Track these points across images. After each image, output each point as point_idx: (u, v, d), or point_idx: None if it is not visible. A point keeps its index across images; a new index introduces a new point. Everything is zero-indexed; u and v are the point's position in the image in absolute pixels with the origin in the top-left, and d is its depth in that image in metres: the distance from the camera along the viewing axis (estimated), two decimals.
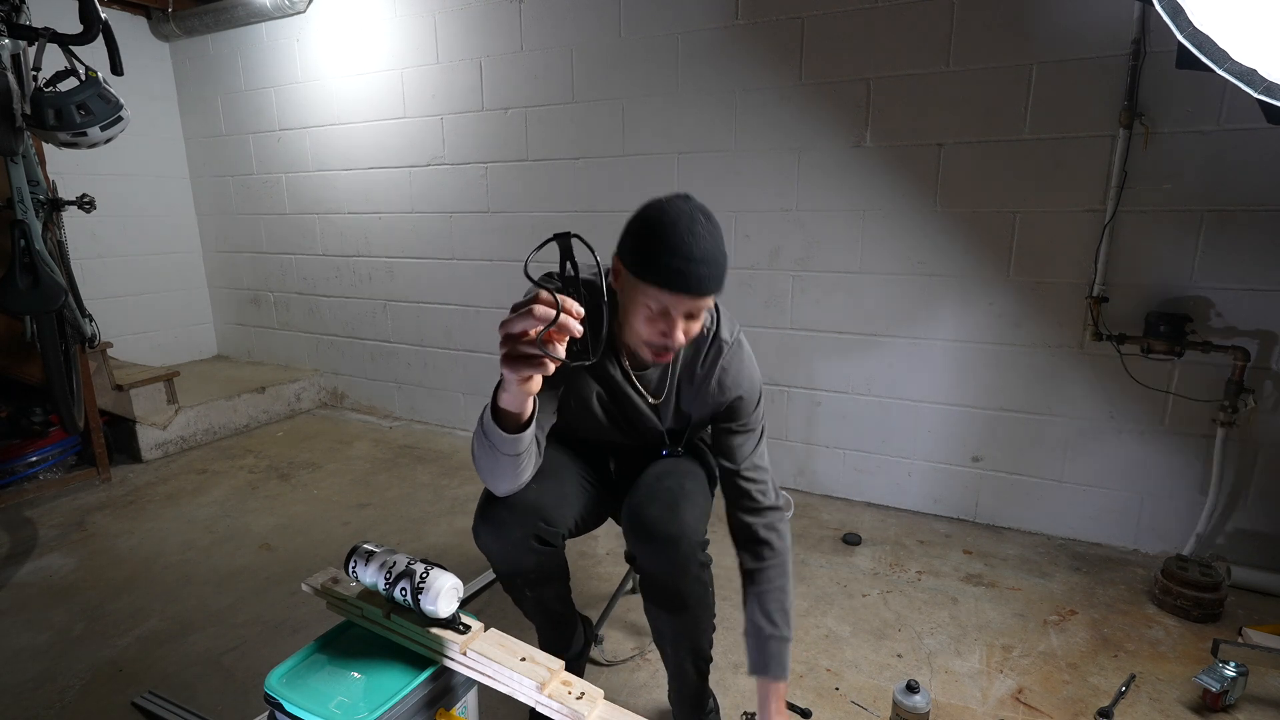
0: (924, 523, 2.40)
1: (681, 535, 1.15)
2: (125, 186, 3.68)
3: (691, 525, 1.18)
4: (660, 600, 1.22)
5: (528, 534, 1.19)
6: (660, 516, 1.16)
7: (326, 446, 3.21)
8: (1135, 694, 1.55)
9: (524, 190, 2.96)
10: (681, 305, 1.05)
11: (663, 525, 1.15)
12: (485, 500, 1.21)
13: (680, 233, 1.02)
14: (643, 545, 1.18)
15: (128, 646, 1.75)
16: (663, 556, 1.16)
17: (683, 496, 1.21)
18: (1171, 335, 1.95)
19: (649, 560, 1.18)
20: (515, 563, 1.22)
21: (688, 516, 1.18)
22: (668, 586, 1.19)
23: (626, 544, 1.26)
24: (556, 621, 1.40)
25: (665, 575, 1.18)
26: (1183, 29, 1.16)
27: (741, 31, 2.39)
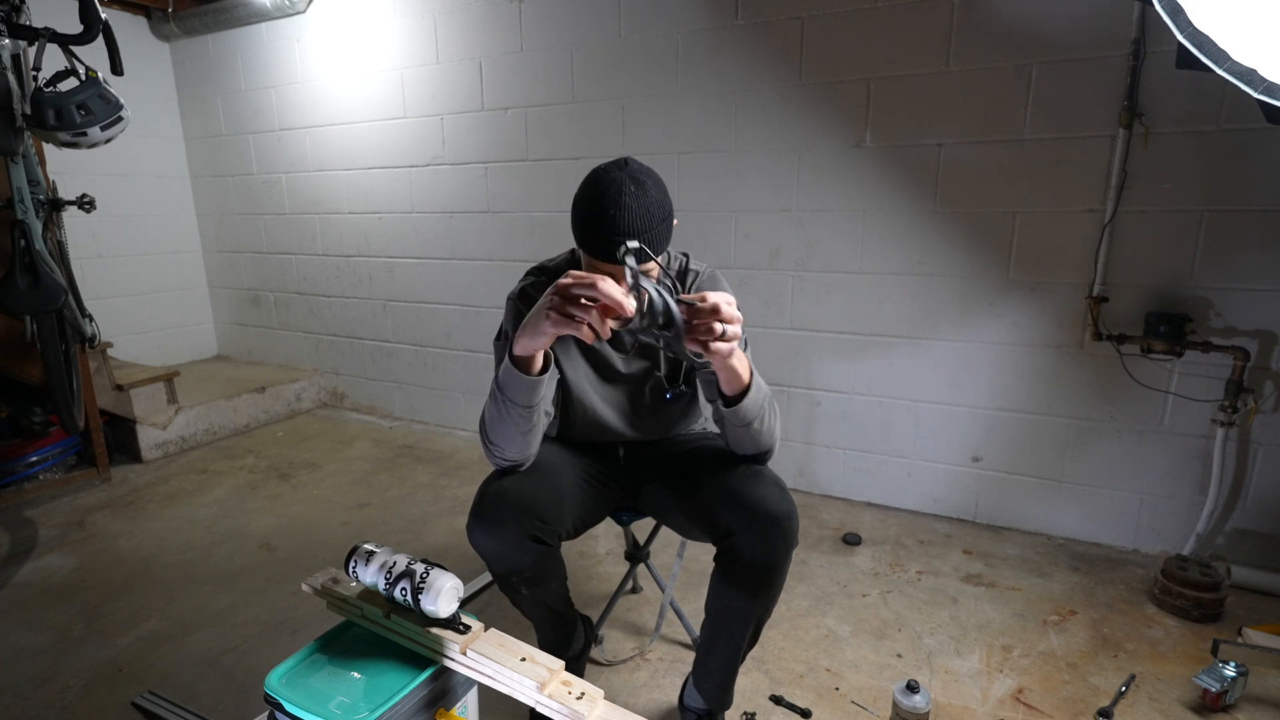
0: (924, 523, 2.40)
1: (794, 513, 1.19)
2: (125, 186, 3.68)
3: (795, 507, 1.22)
4: (751, 580, 1.22)
5: (523, 533, 1.19)
6: (772, 495, 1.19)
7: (326, 446, 3.21)
8: (1135, 694, 1.55)
9: (524, 190, 2.96)
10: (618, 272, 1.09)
11: (777, 503, 1.18)
12: (480, 499, 1.21)
13: (606, 207, 1.07)
14: (754, 522, 1.18)
15: (128, 646, 1.75)
16: (775, 533, 1.17)
17: (782, 481, 1.25)
18: (1171, 335, 1.95)
19: (758, 538, 1.18)
20: (511, 562, 1.22)
21: (790, 496, 1.23)
22: (768, 565, 1.20)
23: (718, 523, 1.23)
24: (555, 621, 1.40)
25: (771, 553, 1.19)
26: (1183, 29, 1.16)
27: (741, 31, 2.39)
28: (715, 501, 1.25)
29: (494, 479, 1.25)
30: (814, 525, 2.38)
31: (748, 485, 1.22)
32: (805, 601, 1.92)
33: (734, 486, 1.23)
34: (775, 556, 1.20)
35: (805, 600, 1.93)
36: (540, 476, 1.26)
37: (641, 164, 1.15)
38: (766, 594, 1.25)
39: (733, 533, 1.21)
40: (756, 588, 1.23)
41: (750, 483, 1.22)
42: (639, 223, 1.08)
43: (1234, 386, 1.91)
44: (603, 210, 1.08)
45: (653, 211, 1.10)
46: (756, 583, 1.23)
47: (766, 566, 1.21)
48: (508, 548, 1.19)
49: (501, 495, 1.20)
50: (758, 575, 1.22)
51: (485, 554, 1.22)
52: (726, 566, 1.26)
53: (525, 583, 1.27)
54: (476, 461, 3.00)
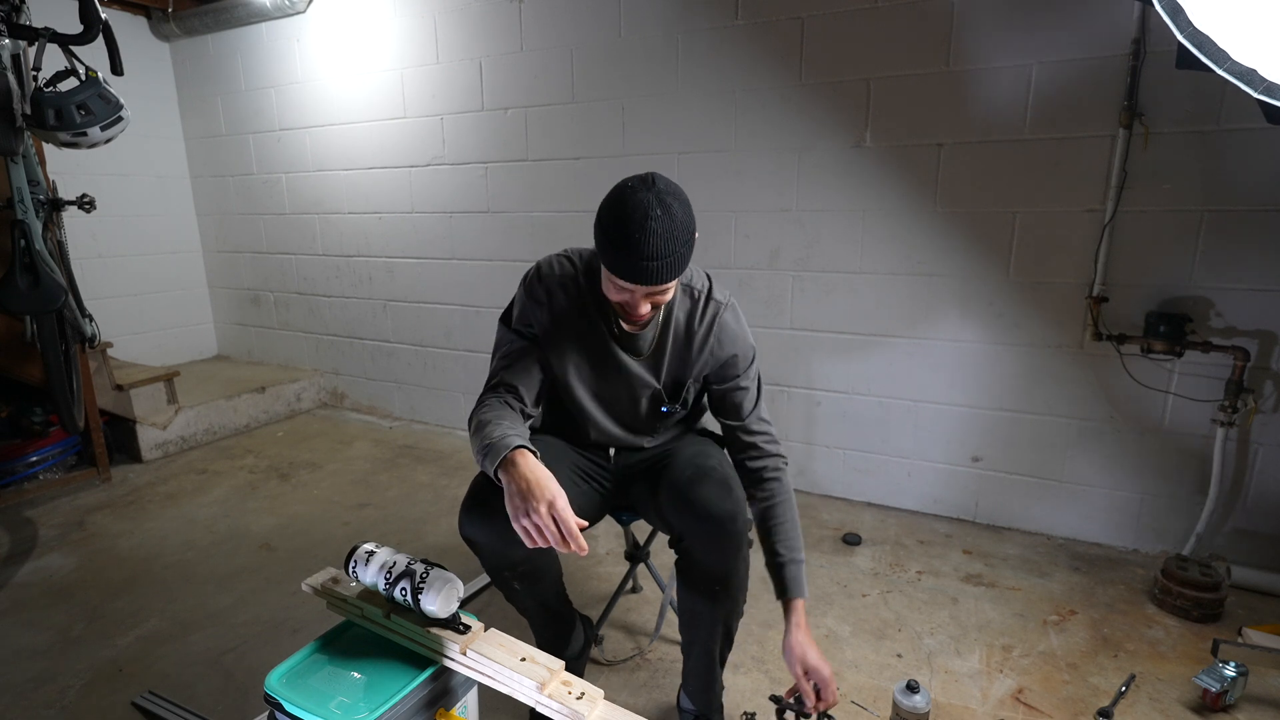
0: (924, 523, 2.40)
1: (738, 513, 1.18)
2: (125, 186, 3.68)
3: (743, 505, 1.21)
4: (705, 582, 1.22)
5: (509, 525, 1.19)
6: (715, 494, 1.18)
7: (326, 446, 3.21)
8: (1135, 694, 1.55)
9: (524, 190, 2.96)
10: (640, 291, 1.13)
11: (719, 503, 1.17)
12: (471, 492, 1.22)
13: (633, 230, 1.06)
14: (697, 524, 1.18)
15: (128, 646, 1.75)
16: (719, 534, 1.17)
17: (730, 477, 1.24)
18: (1171, 335, 1.94)
19: (702, 539, 1.18)
20: (501, 554, 1.22)
21: (739, 495, 1.22)
22: (717, 566, 1.19)
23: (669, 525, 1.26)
24: (552, 619, 1.40)
25: (718, 554, 1.18)
26: (1183, 29, 1.16)
27: (741, 31, 2.39)
28: (666, 503, 1.24)
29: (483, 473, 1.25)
30: (814, 525, 2.38)
31: (692, 486, 1.20)
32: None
33: (680, 487, 1.22)
34: (725, 560, 1.18)
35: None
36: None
37: (668, 182, 1.12)
38: (724, 597, 1.24)
39: (683, 537, 1.21)
40: (713, 593, 1.22)
41: (695, 483, 1.21)
42: (663, 247, 1.07)
43: (1234, 386, 1.91)
44: (628, 233, 1.06)
45: (677, 235, 1.08)
46: (712, 588, 1.22)
47: (718, 571, 1.20)
48: (498, 540, 1.19)
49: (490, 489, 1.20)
50: (711, 580, 1.21)
51: (475, 546, 1.23)
52: (683, 571, 1.26)
53: (517, 577, 1.27)
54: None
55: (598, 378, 1.35)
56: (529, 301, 1.29)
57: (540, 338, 1.30)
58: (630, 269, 1.08)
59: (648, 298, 1.15)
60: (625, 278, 1.10)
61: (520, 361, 1.30)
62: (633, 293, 1.13)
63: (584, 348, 1.31)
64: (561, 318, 1.28)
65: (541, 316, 1.29)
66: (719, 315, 1.30)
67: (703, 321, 1.29)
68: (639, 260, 1.07)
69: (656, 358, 1.32)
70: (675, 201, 1.09)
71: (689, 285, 1.31)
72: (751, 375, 1.35)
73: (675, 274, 1.11)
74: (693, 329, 1.30)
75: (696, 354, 1.31)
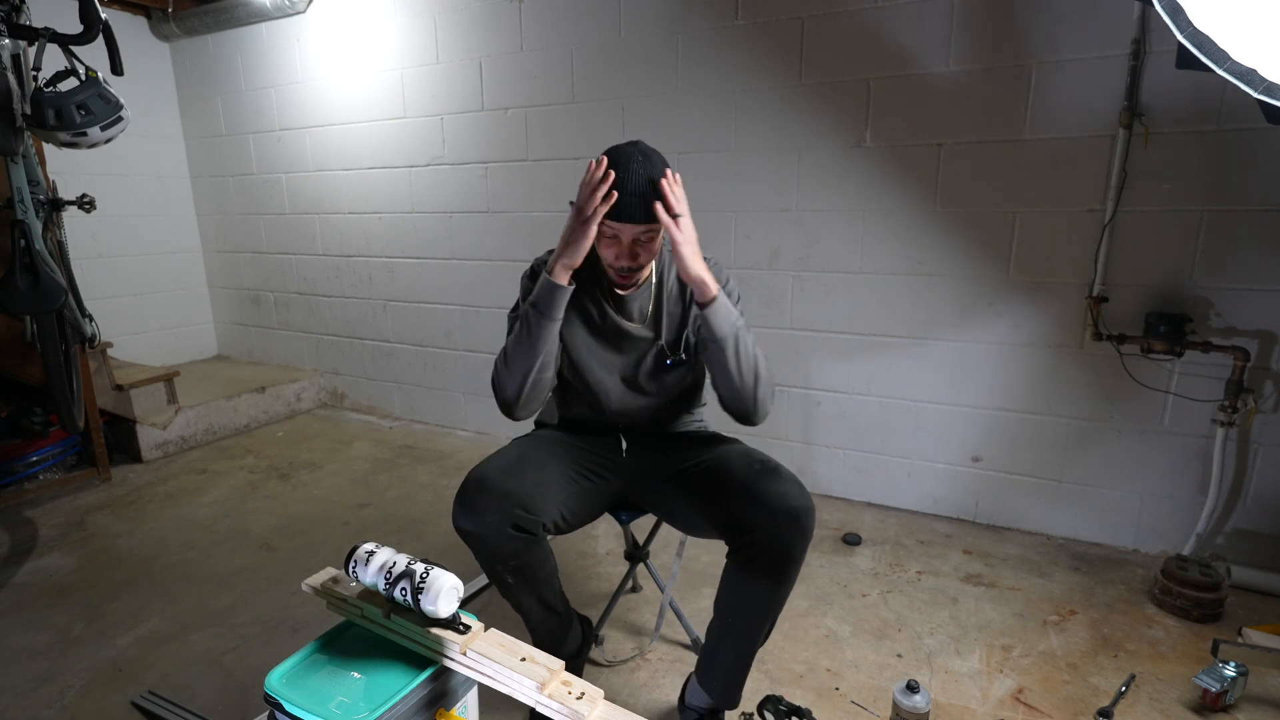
0: (924, 523, 2.40)
1: (812, 508, 1.23)
2: (125, 186, 3.68)
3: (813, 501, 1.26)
4: (769, 571, 1.24)
5: (504, 520, 1.21)
6: (793, 491, 1.23)
7: (326, 446, 3.21)
8: (1135, 694, 1.55)
9: (524, 190, 2.96)
10: (627, 231, 1.26)
11: (797, 498, 1.22)
12: (463, 485, 1.25)
13: (618, 171, 1.23)
14: (774, 518, 1.21)
15: (128, 646, 1.75)
16: (795, 528, 1.20)
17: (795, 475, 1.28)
18: (1171, 335, 1.94)
19: (777, 532, 1.21)
20: (493, 548, 1.24)
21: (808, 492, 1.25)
22: (786, 557, 1.23)
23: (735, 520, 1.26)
24: (548, 616, 1.40)
25: (789, 546, 1.22)
26: (1183, 29, 1.16)
27: (741, 31, 2.39)
28: (733, 499, 1.27)
29: (478, 466, 1.29)
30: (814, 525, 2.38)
31: (767, 482, 1.25)
32: (805, 601, 1.92)
33: (753, 484, 1.26)
34: (794, 550, 1.22)
35: (805, 600, 1.93)
36: (526, 466, 1.31)
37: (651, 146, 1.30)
38: (781, 586, 1.26)
39: (751, 529, 1.23)
40: (775, 577, 1.25)
41: (769, 480, 1.25)
42: (642, 183, 1.22)
43: (1234, 386, 1.91)
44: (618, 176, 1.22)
45: (656, 179, 1.23)
46: (774, 573, 1.24)
47: (785, 560, 1.23)
48: (489, 534, 1.22)
49: (483, 482, 1.24)
50: (775, 567, 1.24)
51: (468, 539, 1.24)
52: (744, 562, 1.27)
53: (510, 571, 1.28)
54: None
55: (603, 348, 1.42)
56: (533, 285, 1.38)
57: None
58: (617, 205, 1.22)
59: (634, 245, 1.27)
60: (612, 215, 1.23)
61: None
62: (620, 240, 1.27)
63: (586, 322, 1.41)
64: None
65: None
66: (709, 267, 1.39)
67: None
68: (623, 195, 1.22)
69: (655, 319, 1.42)
70: (655, 155, 1.27)
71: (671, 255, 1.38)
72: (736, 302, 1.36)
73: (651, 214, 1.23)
74: (683, 289, 1.41)
75: (688, 304, 1.41)
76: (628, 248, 1.28)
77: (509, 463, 1.31)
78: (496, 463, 1.31)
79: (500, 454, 1.36)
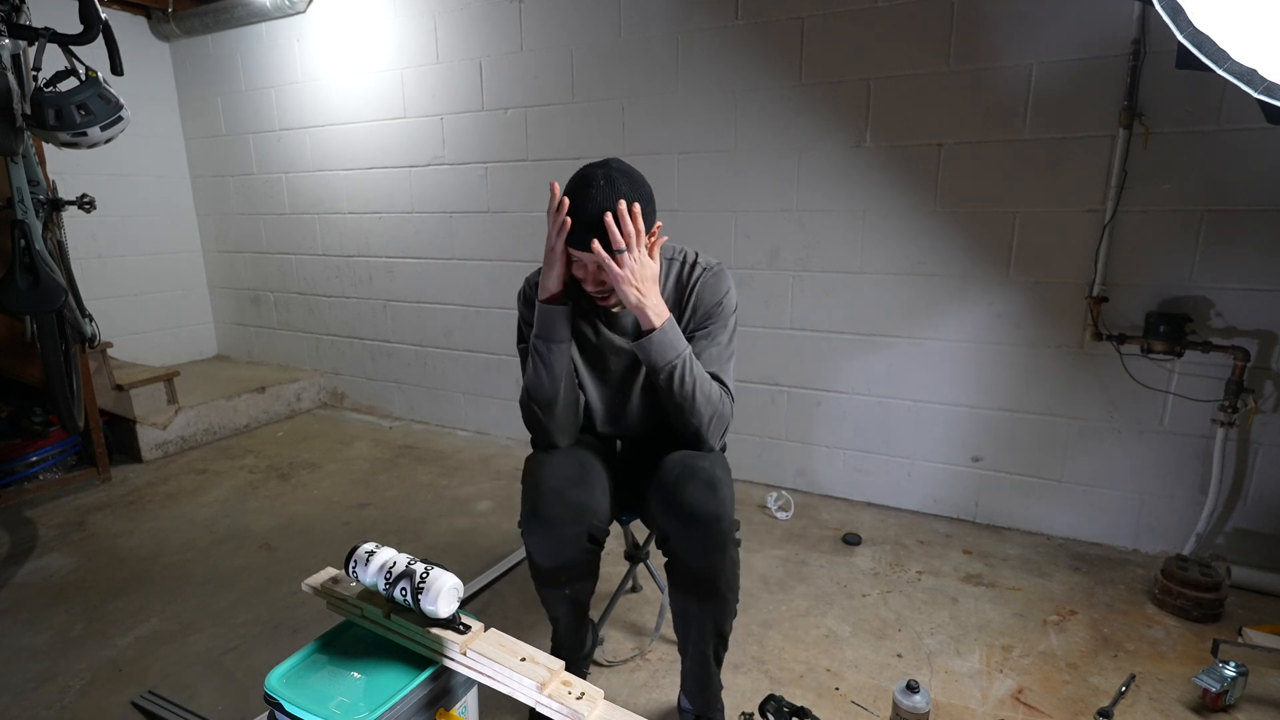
0: (924, 523, 2.40)
1: (722, 514, 1.16)
2: (125, 186, 3.68)
3: (730, 505, 1.19)
4: (693, 583, 1.21)
5: (582, 533, 1.20)
6: (700, 495, 1.16)
7: (326, 446, 3.21)
8: (1135, 694, 1.55)
9: (524, 190, 2.96)
10: (587, 258, 1.20)
11: (704, 504, 1.15)
12: (536, 501, 1.21)
13: (576, 199, 1.18)
14: (682, 525, 1.17)
15: (128, 646, 1.75)
16: (704, 536, 1.15)
17: (716, 477, 1.21)
18: (1171, 335, 1.94)
19: (688, 540, 1.17)
20: (565, 561, 1.22)
21: (726, 495, 1.19)
22: (704, 568, 1.18)
23: (656, 526, 1.25)
24: (578, 621, 1.41)
25: (703, 555, 1.17)
26: (1183, 29, 1.16)
27: (741, 31, 2.39)
28: (654, 503, 1.23)
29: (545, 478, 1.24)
30: (814, 525, 2.38)
31: (678, 485, 1.19)
32: (805, 601, 1.92)
33: (667, 486, 1.20)
34: (711, 562, 1.17)
35: (805, 600, 1.93)
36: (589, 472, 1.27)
37: (624, 164, 1.22)
38: (714, 599, 1.22)
39: (667, 538, 1.20)
40: (702, 594, 1.21)
41: (681, 482, 1.19)
42: (596, 213, 1.16)
43: (1234, 386, 1.91)
44: (574, 202, 1.18)
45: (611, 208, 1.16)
46: (700, 589, 1.21)
47: (705, 572, 1.19)
48: (566, 549, 1.20)
49: (559, 495, 1.20)
50: (698, 581, 1.20)
51: (540, 552, 1.22)
52: (671, 572, 1.25)
53: (570, 583, 1.27)
54: (476, 461, 3.00)
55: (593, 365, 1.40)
56: (527, 309, 1.38)
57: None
58: (573, 235, 1.18)
59: (600, 271, 1.21)
60: (570, 242, 1.20)
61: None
62: (586, 265, 1.22)
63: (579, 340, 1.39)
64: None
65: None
66: (701, 278, 1.35)
67: (688, 286, 1.35)
68: (577, 224, 1.17)
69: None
70: (621, 176, 1.19)
71: (675, 259, 1.37)
72: (722, 326, 1.34)
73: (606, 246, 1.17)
74: (682, 296, 1.35)
75: (681, 316, 1.35)
76: (593, 273, 1.23)
77: (574, 471, 1.27)
78: (562, 471, 1.26)
79: (556, 462, 1.30)
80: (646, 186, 1.23)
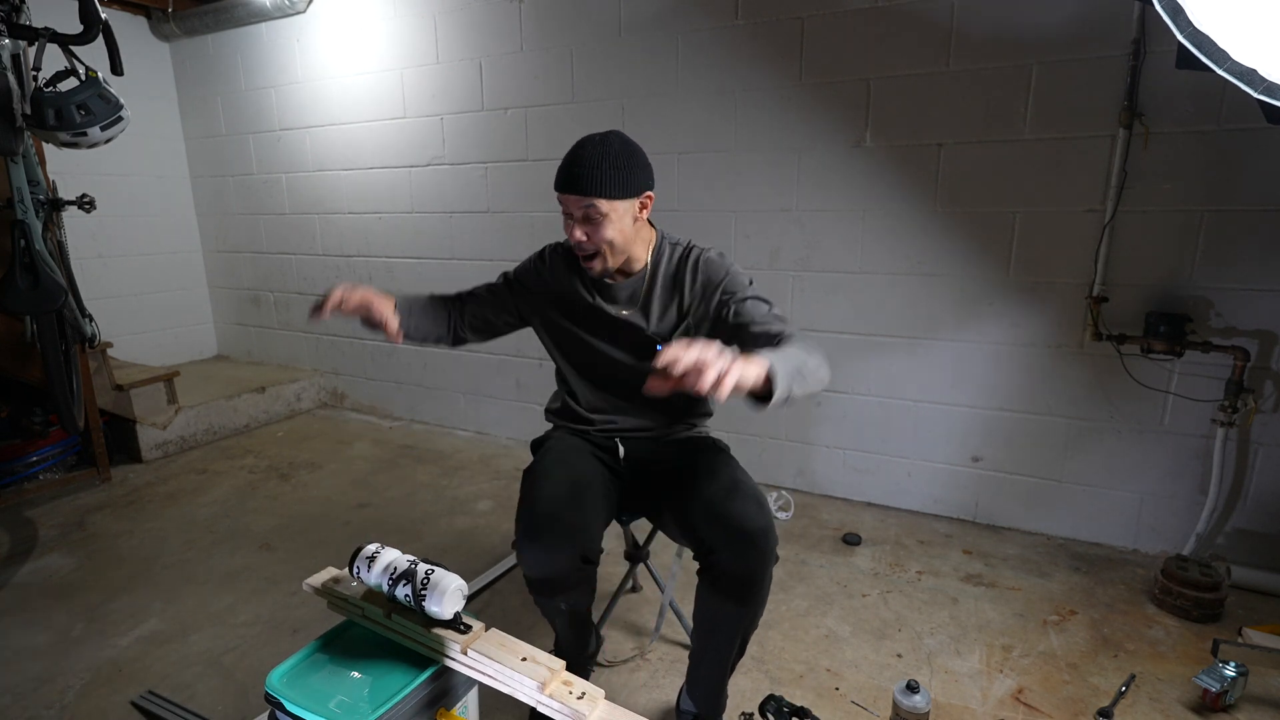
0: (924, 523, 2.40)
1: (770, 528, 1.21)
2: (125, 186, 3.68)
3: (773, 519, 1.24)
4: (733, 592, 1.23)
5: (576, 554, 1.21)
6: (752, 510, 1.21)
7: (326, 446, 3.21)
8: (1135, 694, 1.55)
9: (524, 190, 2.96)
10: (570, 204, 1.28)
11: (755, 518, 1.20)
12: (531, 525, 1.23)
13: (574, 149, 1.29)
14: (732, 539, 1.19)
15: (128, 646, 1.75)
16: (753, 549, 1.19)
17: (761, 493, 1.27)
18: (1171, 335, 1.95)
19: (736, 553, 1.19)
20: (560, 580, 1.24)
21: (769, 510, 1.25)
22: (748, 579, 1.21)
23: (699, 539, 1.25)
24: (579, 627, 1.42)
25: (750, 568, 1.20)
26: (1183, 29, 1.16)
27: (741, 31, 2.39)
28: (697, 516, 1.26)
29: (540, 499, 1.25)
30: (814, 525, 2.38)
31: (727, 502, 1.23)
32: (805, 601, 1.92)
33: (714, 502, 1.24)
34: (754, 572, 1.20)
35: (805, 600, 1.93)
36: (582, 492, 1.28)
37: (624, 135, 1.31)
38: (748, 607, 1.25)
39: (714, 550, 1.22)
40: (740, 600, 1.23)
41: (730, 499, 1.23)
42: (592, 161, 1.25)
43: (1234, 386, 1.91)
44: (570, 151, 1.29)
45: (608, 159, 1.25)
46: (739, 596, 1.23)
47: (747, 582, 1.21)
48: (560, 569, 1.21)
49: (553, 518, 1.22)
50: (739, 590, 1.22)
51: (534, 571, 1.23)
52: (710, 581, 1.26)
53: (566, 598, 1.29)
54: (476, 461, 3.00)
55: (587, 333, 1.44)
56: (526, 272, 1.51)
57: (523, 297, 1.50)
58: (561, 176, 1.27)
59: (583, 224, 1.28)
60: (558, 186, 1.28)
61: (489, 292, 1.54)
62: (570, 214, 1.29)
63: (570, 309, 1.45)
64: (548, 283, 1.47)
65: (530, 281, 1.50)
66: (702, 255, 1.40)
67: (685, 264, 1.39)
68: (569, 166, 1.26)
69: (645, 307, 1.40)
70: (618, 139, 1.29)
71: (674, 243, 1.43)
72: (744, 283, 1.36)
73: (599, 189, 1.25)
74: (680, 274, 1.39)
75: (686, 292, 1.38)
76: (576, 222, 1.29)
77: (568, 491, 1.27)
78: (556, 492, 1.26)
79: (551, 481, 1.30)
80: (643, 155, 1.31)
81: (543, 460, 1.39)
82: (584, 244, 1.30)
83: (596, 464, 1.42)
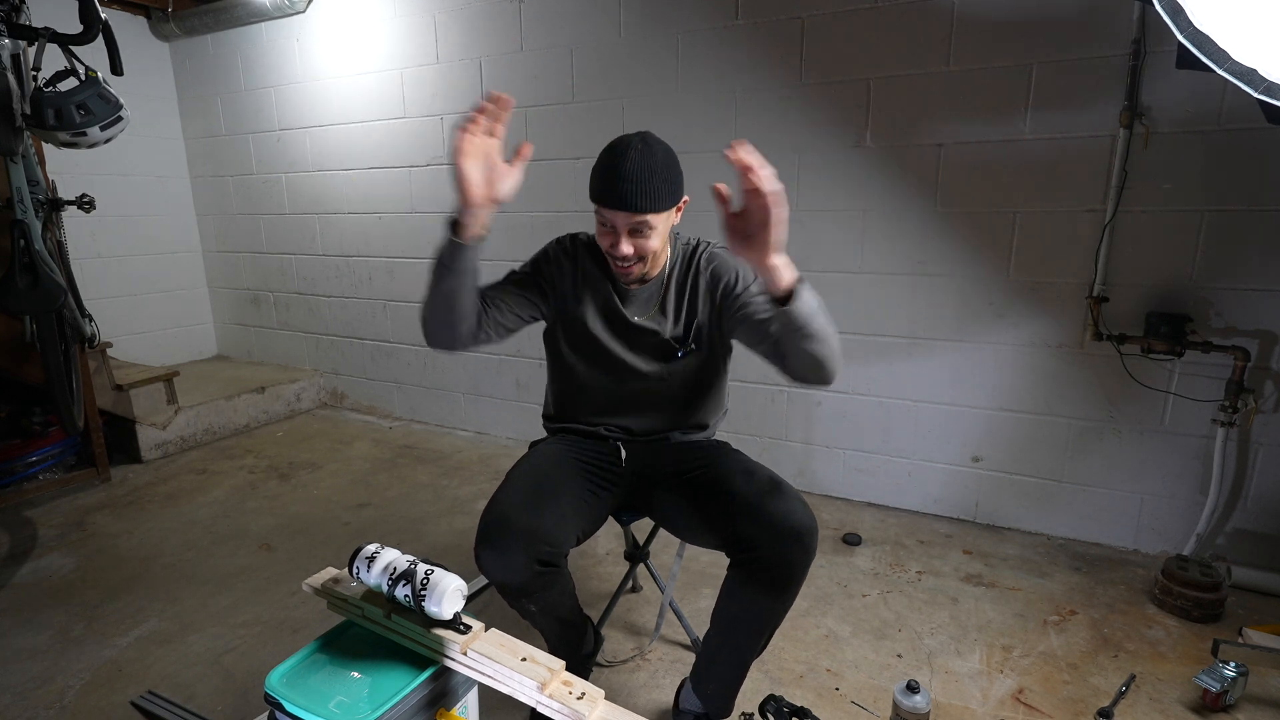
0: (924, 523, 2.40)
1: (817, 528, 1.22)
2: (125, 186, 3.68)
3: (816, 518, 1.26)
4: (771, 584, 1.24)
5: (531, 558, 1.20)
6: (798, 508, 1.23)
7: (326, 446, 3.21)
8: (1135, 694, 1.55)
9: (524, 190, 2.93)
10: (619, 219, 1.24)
11: (800, 517, 1.21)
12: (485, 526, 1.22)
13: (615, 158, 1.22)
14: (776, 536, 1.20)
15: (128, 646, 1.75)
16: (798, 546, 1.20)
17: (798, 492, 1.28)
18: (1171, 335, 1.95)
19: (781, 549, 1.20)
20: (519, 585, 1.23)
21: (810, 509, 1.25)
22: (788, 575, 1.22)
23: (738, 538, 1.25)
24: (565, 629, 1.41)
25: (792, 565, 1.21)
26: (1183, 29, 1.16)
27: (741, 31, 2.39)
28: (738, 515, 1.26)
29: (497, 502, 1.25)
30: None
31: (772, 501, 1.24)
32: (805, 601, 1.92)
33: (757, 501, 1.25)
34: (796, 569, 1.21)
35: (805, 600, 1.93)
36: (542, 497, 1.28)
37: (658, 138, 1.27)
38: (783, 600, 1.26)
39: (755, 547, 1.22)
40: (776, 592, 1.24)
41: (773, 498, 1.24)
42: (640, 174, 1.20)
43: (1234, 386, 1.91)
44: (612, 161, 1.22)
45: (655, 169, 1.21)
46: (778, 587, 1.24)
47: (788, 574, 1.22)
48: (516, 574, 1.21)
49: (506, 522, 1.21)
50: (778, 582, 1.23)
51: (494, 579, 1.23)
52: (745, 575, 1.26)
53: (534, 602, 1.28)
54: (476, 461, 2.99)
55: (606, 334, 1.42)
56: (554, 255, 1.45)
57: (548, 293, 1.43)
58: (609, 192, 1.21)
59: (630, 236, 1.25)
60: (605, 202, 1.22)
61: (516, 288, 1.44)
62: (615, 229, 1.25)
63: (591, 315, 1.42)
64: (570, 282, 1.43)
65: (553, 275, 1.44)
66: (709, 250, 1.41)
67: (695, 262, 1.41)
68: (616, 182, 1.20)
69: (661, 310, 1.41)
70: (659, 147, 1.24)
71: (685, 242, 1.43)
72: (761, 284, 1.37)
73: (651, 205, 1.21)
74: (694, 273, 1.40)
75: (700, 290, 1.39)
76: (623, 236, 1.25)
77: (525, 497, 1.27)
78: (513, 498, 1.26)
79: (513, 487, 1.30)
80: (676, 164, 1.28)
81: (513, 470, 1.38)
82: (627, 257, 1.27)
83: (574, 471, 1.40)
